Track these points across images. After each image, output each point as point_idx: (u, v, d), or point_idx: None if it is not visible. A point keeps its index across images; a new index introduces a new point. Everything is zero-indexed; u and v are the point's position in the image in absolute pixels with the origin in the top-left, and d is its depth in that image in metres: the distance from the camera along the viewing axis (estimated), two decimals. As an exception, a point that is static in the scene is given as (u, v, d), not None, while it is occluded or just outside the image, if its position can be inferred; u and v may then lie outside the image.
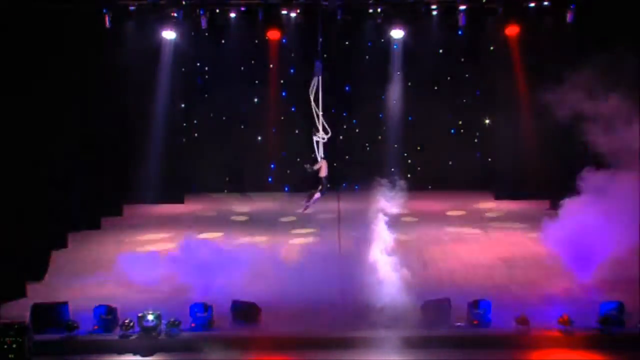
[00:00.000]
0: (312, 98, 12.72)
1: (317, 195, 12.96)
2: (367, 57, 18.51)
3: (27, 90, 14.45)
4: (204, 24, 16.11)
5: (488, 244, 16.15)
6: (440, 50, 18.33)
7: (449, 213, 18.20)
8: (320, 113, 12.71)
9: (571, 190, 14.66)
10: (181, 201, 18.92)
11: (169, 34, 16.52)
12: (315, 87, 12.73)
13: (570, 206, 14.58)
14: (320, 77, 12.73)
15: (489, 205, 18.62)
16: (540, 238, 15.40)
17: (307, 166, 12.96)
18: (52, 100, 15.15)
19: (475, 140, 19.38)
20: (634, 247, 13.45)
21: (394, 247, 13.59)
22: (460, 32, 16.98)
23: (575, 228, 14.07)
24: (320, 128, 12.76)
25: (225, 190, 19.51)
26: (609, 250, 13.62)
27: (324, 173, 12.94)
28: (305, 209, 13.44)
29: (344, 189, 17.53)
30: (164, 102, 17.89)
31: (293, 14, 16.17)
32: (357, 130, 18.74)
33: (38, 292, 13.72)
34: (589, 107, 14.50)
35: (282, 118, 19.00)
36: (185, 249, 14.99)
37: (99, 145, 17.01)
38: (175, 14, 16.13)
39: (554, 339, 12.16)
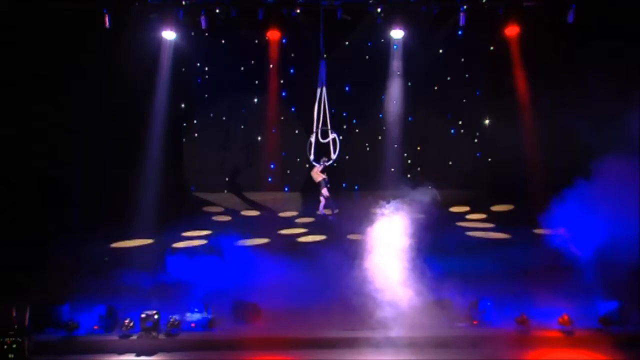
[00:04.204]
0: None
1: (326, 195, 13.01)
2: (367, 57, 18.51)
3: (27, 90, 14.44)
4: (204, 24, 16.09)
5: (487, 244, 16.14)
6: (440, 50, 18.33)
7: (449, 213, 18.20)
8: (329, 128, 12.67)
9: (571, 187, 14.68)
10: (181, 201, 18.91)
11: (169, 34, 16.50)
12: (319, 99, 12.68)
13: (570, 197, 14.61)
14: (325, 88, 12.66)
15: (489, 205, 18.60)
16: (540, 236, 15.42)
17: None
18: (51, 100, 15.14)
19: (475, 140, 19.37)
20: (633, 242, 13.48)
21: (393, 246, 13.58)
22: (460, 32, 16.96)
23: (576, 218, 14.10)
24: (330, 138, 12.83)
25: (225, 191, 19.50)
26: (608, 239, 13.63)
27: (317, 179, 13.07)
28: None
29: (344, 189, 17.51)
30: (163, 102, 17.87)
31: (293, 14, 16.17)
32: (357, 130, 18.73)
33: (38, 292, 13.71)
34: (589, 107, 14.50)
35: (282, 118, 19.00)
36: (186, 248, 14.97)
37: (97, 144, 17.00)
38: (175, 14, 16.13)
39: (554, 339, 12.15)
